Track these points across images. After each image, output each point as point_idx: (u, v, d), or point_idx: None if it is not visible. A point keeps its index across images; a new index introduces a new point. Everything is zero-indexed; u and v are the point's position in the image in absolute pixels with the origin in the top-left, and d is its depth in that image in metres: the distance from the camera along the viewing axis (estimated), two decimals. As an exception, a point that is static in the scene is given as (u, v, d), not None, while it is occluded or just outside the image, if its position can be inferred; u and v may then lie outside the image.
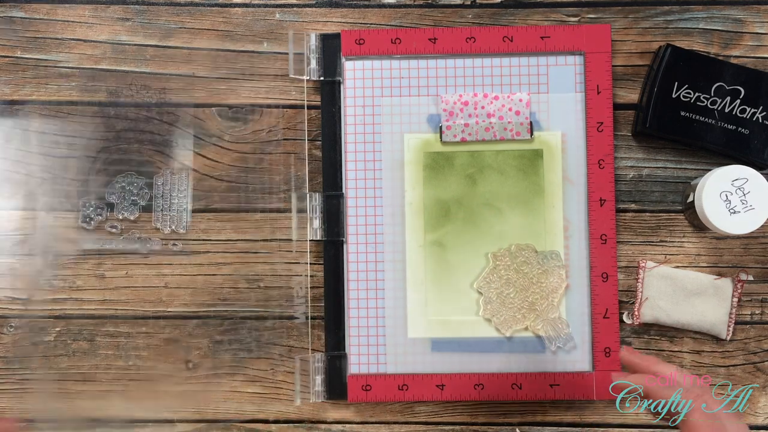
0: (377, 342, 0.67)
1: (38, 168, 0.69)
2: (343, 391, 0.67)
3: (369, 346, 0.68)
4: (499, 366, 0.67)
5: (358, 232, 0.68)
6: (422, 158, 0.68)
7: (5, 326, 0.69)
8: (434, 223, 0.67)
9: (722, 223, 0.62)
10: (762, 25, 0.68)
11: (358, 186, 0.68)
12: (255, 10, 0.69)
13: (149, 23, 0.69)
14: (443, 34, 0.68)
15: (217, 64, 0.69)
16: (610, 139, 0.67)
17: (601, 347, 0.66)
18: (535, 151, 0.67)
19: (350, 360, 0.67)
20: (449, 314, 0.67)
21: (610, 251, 0.66)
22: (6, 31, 0.69)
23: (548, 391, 0.66)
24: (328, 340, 0.68)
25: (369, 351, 0.67)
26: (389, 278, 0.67)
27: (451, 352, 0.67)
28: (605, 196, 0.67)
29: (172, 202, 0.69)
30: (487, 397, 0.66)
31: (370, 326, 0.68)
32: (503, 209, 0.67)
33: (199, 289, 0.69)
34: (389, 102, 0.68)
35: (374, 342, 0.67)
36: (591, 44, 0.67)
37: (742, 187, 0.62)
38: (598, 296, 0.66)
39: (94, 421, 0.69)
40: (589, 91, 0.67)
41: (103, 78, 0.69)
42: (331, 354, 0.67)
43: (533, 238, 0.67)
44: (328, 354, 0.67)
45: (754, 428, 0.67)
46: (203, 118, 0.69)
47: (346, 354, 0.67)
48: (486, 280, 0.67)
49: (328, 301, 0.68)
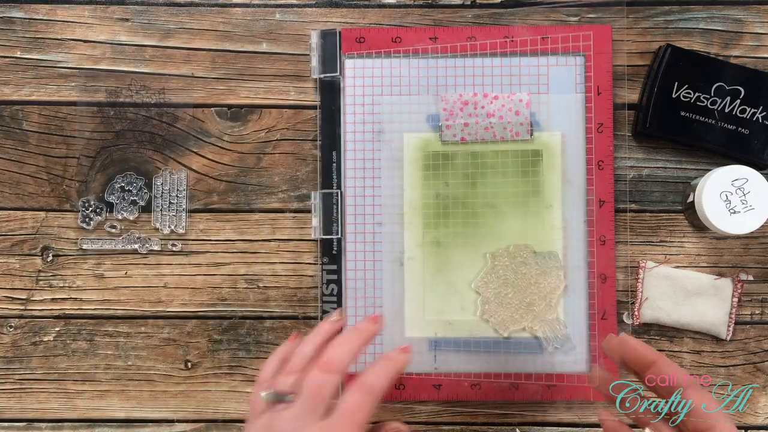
0: (374, 341, 0.67)
1: (38, 168, 0.69)
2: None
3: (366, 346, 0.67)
4: (497, 366, 0.67)
5: (357, 230, 0.68)
6: (422, 157, 0.68)
7: (5, 326, 0.69)
8: (433, 223, 0.67)
9: (722, 223, 0.62)
10: (762, 25, 0.68)
11: (356, 185, 0.68)
12: (255, 10, 0.69)
13: (149, 23, 0.69)
14: (444, 33, 0.68)
15: (216, 65, 0.69)
16: (609, 141, 0.67)
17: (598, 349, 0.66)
18: (534, 152, 0.67)
19: (349, 360, 0.68)
20: (447, 314, 0.67)
21: (609, 253, 0.66)
22: (5, 31, 0.69)
23: (545, 392, 0.66)
24: (327, 340, 0.68)
25: (366, 350, 0.67)
26: (387, 278, 0.67)
27: (449, 352, 0.67)
28: (604, 197, 0.67)
29: (172, 203, 0.69)
30: (483, 398, 0.66)
31: (368, 326, 0.68)
32: (502, 209, 0.67)
33: (198, 289, 0.69)
34: (389, 100, 0.68)
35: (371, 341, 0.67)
36: (592, 45, 0.67)
37: (742, 187, 0.62)
38: (596, 297, 0.66)
39: (93, 421, 0.69)
40: (589, 91, 0.67)
41: (103, 78, 0.69)
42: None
43: (532, 238, 0.67)
44: None
45: (754, 428, 0.67)
46: (202, 119, 0.69)
47: (345, 354, 0.67)
48: (484, 280, 0.67)
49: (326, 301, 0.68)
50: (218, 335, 0.69)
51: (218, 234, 0.69)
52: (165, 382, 0.69)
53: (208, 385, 0.69)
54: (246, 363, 0.69)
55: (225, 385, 0.69)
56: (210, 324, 0.69)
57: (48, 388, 0.69)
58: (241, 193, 0.69)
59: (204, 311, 0.69)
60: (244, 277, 0.69)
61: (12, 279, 0.69)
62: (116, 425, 0.69)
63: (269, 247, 0.69)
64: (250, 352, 0.69)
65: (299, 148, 0.69)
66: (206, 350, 0.69)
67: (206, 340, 0.69)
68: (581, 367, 0.67)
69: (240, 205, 0.69)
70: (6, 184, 0.69)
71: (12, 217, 0.69)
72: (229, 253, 0.69)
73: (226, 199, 0.69)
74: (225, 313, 0.69)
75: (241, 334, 0.69)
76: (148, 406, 0.69)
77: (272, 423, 0.51)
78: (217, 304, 0.69)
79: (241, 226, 0.69)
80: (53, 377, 0.69)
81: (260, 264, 0.69)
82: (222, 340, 0.69)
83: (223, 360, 0.69)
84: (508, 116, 0.67)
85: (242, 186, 0.69)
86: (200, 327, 0.69)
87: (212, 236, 0.69)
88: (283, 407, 0.52)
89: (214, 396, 0.69)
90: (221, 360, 0.69)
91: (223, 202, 0.69)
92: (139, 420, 0.69)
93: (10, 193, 0.69)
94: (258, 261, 0.69)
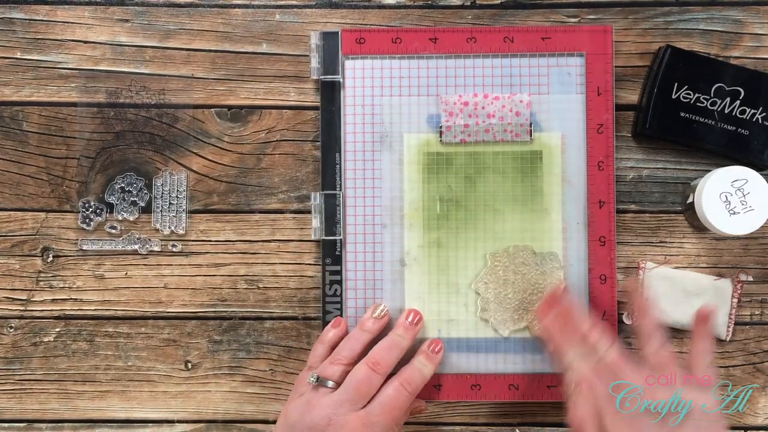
0: (376, 342, 0.68)
1: (38, 169, 0.69)
2: None
3: None
4: (497, 366, 0.67)
5: (357, 231, 0.68)
6: (422, 158, 0.68)
7: (5, 326, 0.69)
8: (433, 224, 0.67)
9: (722, 223, 0.62)
10: (762, 26, 0.68)
11: (357, 186, 0.68)
12: (255, 11, 0.69)
13: (148, 24, 0.69)
14: (444, 34, 0.68)
15: (216, 66, 0.69)
16: (610, 141, 0.67)
17: None
18: (534, 152, 0.67)
19: (349, 360, 0.68)
20: (447, 314, 0.67)
21: (609, 253, 0.66)
22: (5, 32, 0.69)
23: (545, 392, 0.66)
24: (327, 341, 0.68)
25: None
26: (388, 278, 0.67)
27: (449, 352, 0.67)
28: (604, 198, 0.67)
29: (172, 203, 0.69)
30: (483, 398, 0.66)
31: (368, 326, 0.68)
32: (502, 210, 0.67)
33: (198, 290, 0.69)
34: (389, 102, 0.68)
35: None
36: (592, 46, 0.67)
37: (742, 188, 0.62)
38: (596, 298, 0.66)
39: (93, 421, 0.69)
40: (589, 92, 0.67)
41: (103, 79, 0.69)
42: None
43: (532, 239, 0.67)
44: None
45: (754, 428, 0.67)
46: (202, 119, 0.69)
47: (346, 354, 0.68)
48: (484, 280, 0.67)
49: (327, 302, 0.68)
50: (218, 336, 0.69)
51: (218, 235, 0.69)
52: (165, 382, 0.69)
53: (208, 385, 0.69)
54: (246, 364, 0.69)
55: (225, 386, 0.69)
56: (210, 325, 0.69)
57: (48, 389, 0.69)
58: (241, 193, 0.69)
59: (204, 312, 0.69)
60: (244, 278, 0.69)
61: (12, 280, 0.69)
62: (116, 426, 0.69)
63: (269, 247, 0.69)
64: (250, 353, 0.69)
65: (299, 149, 0.69)
66: (206, 351, 0.69)
67: (206, 341, 0.69)
68: (581, 368, 0.67)
69: (240, 205, 0.69)
70: (6, 185, 0.69)
71: (12, 218, 0.69)
72: (229, 253, 0.69)
73: (226, 200, 0.69)
74: (225, 314, 0.69)
75: (241, 335, 0.69)
76: (148, 406, 0.69)
77: (313, 403, 0.58)
78: (217, 305, 0.69)
79: (241, 227, 0.69)
80: (53, 378, 0.69)
81: (260, 265, 0.69)
82: (222, 341, 0.69)
83: (223, 361, 0.69)
84: (508, 117, 0.67)
85: (242, 187, 0.69)
86: (200, 328, 0.69)
87: (212, 237, 0.69)
88: (325, 392, 0.59)
89: (214, 396, 0.69)
90: (221, 360, 0.69)
91: (223, 203, 0.69)
92: (139, 420, 0.69)
93: (10, 193, 0.69)
94: (258, 262, 0.69)
